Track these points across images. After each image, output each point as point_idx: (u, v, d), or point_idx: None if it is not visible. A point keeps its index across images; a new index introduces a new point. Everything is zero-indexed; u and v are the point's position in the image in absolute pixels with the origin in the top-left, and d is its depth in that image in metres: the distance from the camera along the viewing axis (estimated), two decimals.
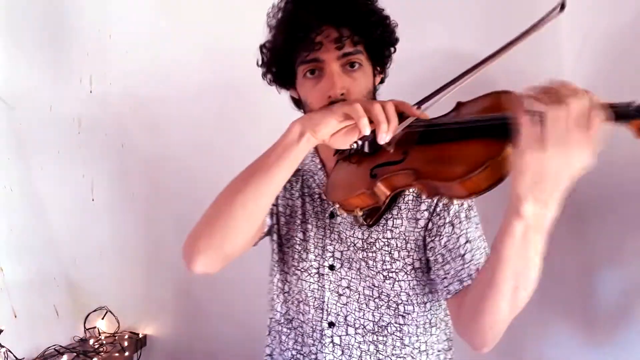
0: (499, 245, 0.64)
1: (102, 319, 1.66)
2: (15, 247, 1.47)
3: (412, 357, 0.92)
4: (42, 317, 1.53)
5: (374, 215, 0.90)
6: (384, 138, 0.73)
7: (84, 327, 1.63)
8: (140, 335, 1.66)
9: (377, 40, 0.92)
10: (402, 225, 0.91)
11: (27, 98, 1.58)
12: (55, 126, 1.63)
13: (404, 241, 0.90)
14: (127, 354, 1.56)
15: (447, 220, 0.88)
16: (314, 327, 0.96)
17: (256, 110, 1.15)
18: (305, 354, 0.97)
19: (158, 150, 1.64)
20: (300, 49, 0.86)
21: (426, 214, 0.90)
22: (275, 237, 1.02)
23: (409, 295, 0.91)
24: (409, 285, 0.90)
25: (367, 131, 0.73)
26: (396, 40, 0.96)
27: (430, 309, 0.93)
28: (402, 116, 0.76)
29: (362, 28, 0.87)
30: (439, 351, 0.96)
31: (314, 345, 0.96)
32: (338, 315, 0.94)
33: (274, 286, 1.02)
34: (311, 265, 0.96)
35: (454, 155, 0.70)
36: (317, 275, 0.96)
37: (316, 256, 0.96)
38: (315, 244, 0.97)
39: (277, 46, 0.91)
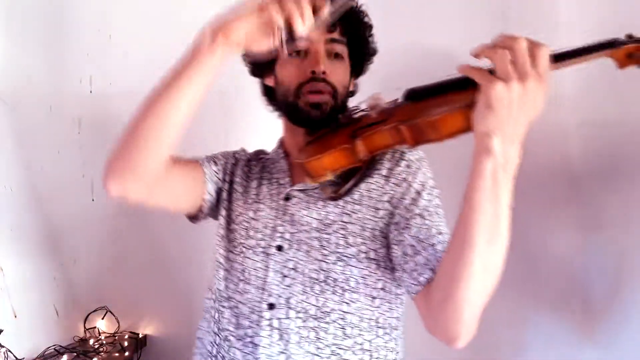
0: (470, 191, 0.66)
1: (102, 319, 1.65)
2: (15, 247, 1.47)
3: (353, 353, 0.88)
4: (42, 317, 1.53)
5: (342, 188, 0.90)
6: (300, 28, 0.71)
7: (84, 327, 1.63)
8: (140, 335, 1.66)
9: (361, 43, 0.98)
10: (360, 212, 0.90)
11: (27, 98, 1.58)
12: (55, 126, 1.63)
13: (360, 228, 0.89)
14: (127, 354, 1.56)
15: (417, 212, 0.87)
16: (253, 308, 0.91)
17: (257, 110, 1.17)
18: (239, 337, 0.92)
19: None
20: None
21: (387, 205, 0.90)
22: (224, 212, 1.00)
23: (358, 283, 0.88)
24: (360, 273, 0.88)
25: (279, 21, 0.71)
26: (375, 52, 1.02)
27: (379, 307, 0.90)
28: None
29: (352, 24, 0.93)
30: (390, 359, 0.93)
31: (250, 327, 0.90)
32: (280, 297, 0.89)
33: (216, 263, 1.00)
34: (258, 244, 0.94)
35: (443, 100, 0.71)
36: (263, 254, 0.92)
37: (264, 236, 0.94)
38: (265, 224, 0.94)
39: None
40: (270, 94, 1.03)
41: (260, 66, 0.99)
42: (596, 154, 1.21)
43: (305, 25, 0.71)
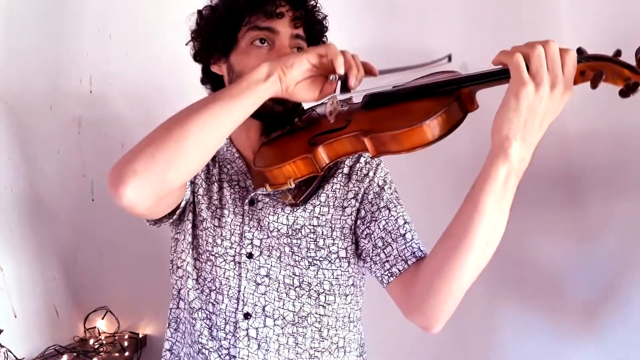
0: (478, 193, 0.66)
1: (102, 319, 1.65)
2: (15, 247, 1.47)
3: (330, 353, 0.89)
4: (42, 317, 1.52)
5: (302, 194, 0.89)
6: (353, 82, 0.75)
7: (84, 327, 1.63)
8: (140, 335, 1.66)
9: (316, 38, 0.98)
10: (328, 213, 0.90)
11: (27, 98, 1.57)
12: (55, 126, 1.63)
13: (329, 229, 0.89)
14: (127, 354, 1.56)
15: (382, 205, 0.88)
16: (227, 318, 0.88)
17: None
18: (213, 349, 0.88)
19: None
20: (259, 13, 0.87)
21: (353, 201, 0.90)
22: (190, 216, 0.95)
23: (332, 285, 0.89)
24: (332, 274, 0.89)
25: (341, 70, 0.74)
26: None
27: (350, 302, 0.92)
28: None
29: (313, 23, 0.94)
30: (356, 349, 0.94)
31: (225, 339, 0.88)
32: (255, 305, 0.87)
33: (182, 271, 0.94)
34: (227, 252, 0.90)
35: (402, 110, 0.72)
36: (233, 263, 0.89)
37: (232, 243, 0.90)
38: (232, 230, 0.91)
39: (229, 8, 0.90)
40: (215, 82, 0.98)
41: (212, 50, 0.94)
42: (595, 162, 1.21)
43: (357, 80, 0.76)
